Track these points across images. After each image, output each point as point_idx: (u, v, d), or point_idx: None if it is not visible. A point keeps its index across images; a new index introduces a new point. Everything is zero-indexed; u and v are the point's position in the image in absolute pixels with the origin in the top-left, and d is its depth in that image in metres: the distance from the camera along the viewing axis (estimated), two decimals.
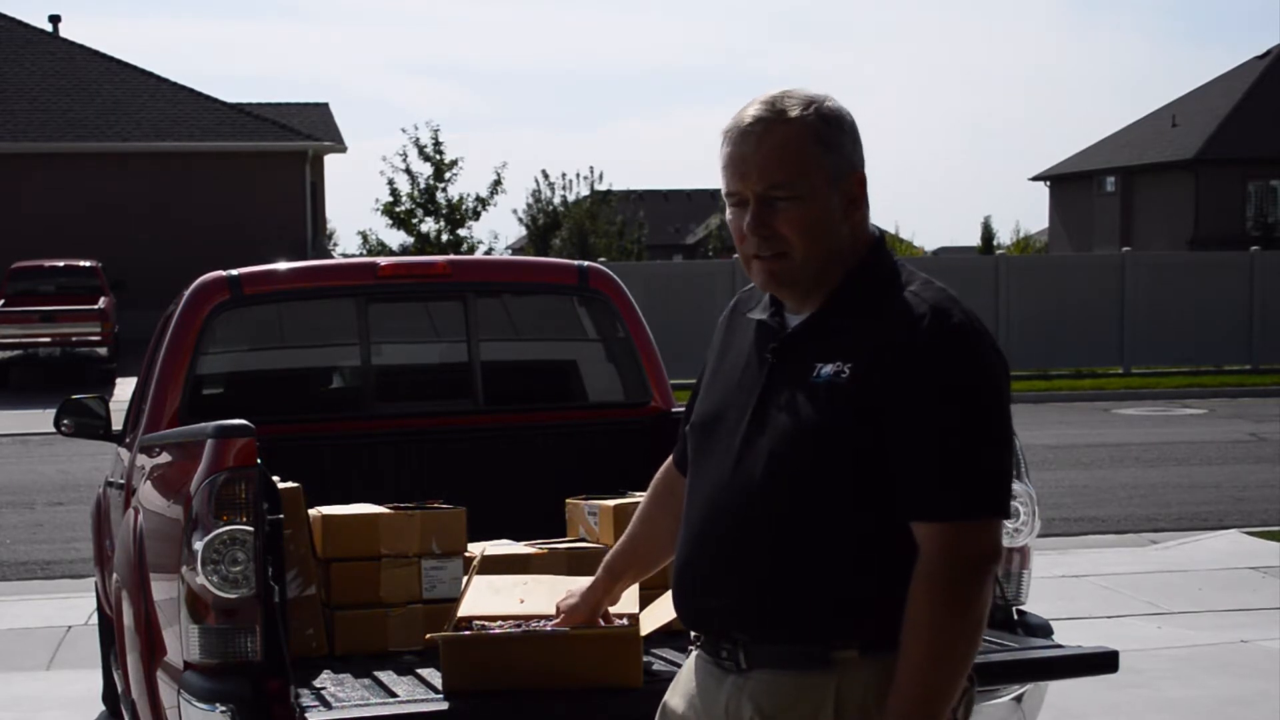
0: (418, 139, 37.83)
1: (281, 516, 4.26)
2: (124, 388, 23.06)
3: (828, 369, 2.60)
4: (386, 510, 4.71)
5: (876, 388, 2.56)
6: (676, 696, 2.85)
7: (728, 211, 2.75)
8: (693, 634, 2.83)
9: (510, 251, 50.21)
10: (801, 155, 2.63)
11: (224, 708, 3.96)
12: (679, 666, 2.94)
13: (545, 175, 45.25)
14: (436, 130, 38.07)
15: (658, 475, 3.20)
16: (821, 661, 2.60)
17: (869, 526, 2.58)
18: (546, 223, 44.30)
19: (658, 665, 4.08)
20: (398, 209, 38.00)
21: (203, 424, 4.38)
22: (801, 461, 2.60)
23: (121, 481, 5.95)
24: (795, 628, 2.62)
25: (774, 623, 2.63)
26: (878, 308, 2.63)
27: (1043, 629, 4.62)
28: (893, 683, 2.53)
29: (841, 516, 2.59)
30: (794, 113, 2.64)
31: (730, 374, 2.79)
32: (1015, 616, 4.67)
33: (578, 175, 45.59)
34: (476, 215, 38.15)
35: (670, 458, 3.15)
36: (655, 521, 3.15)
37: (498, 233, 58.83)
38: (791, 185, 2.63)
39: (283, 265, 6.10)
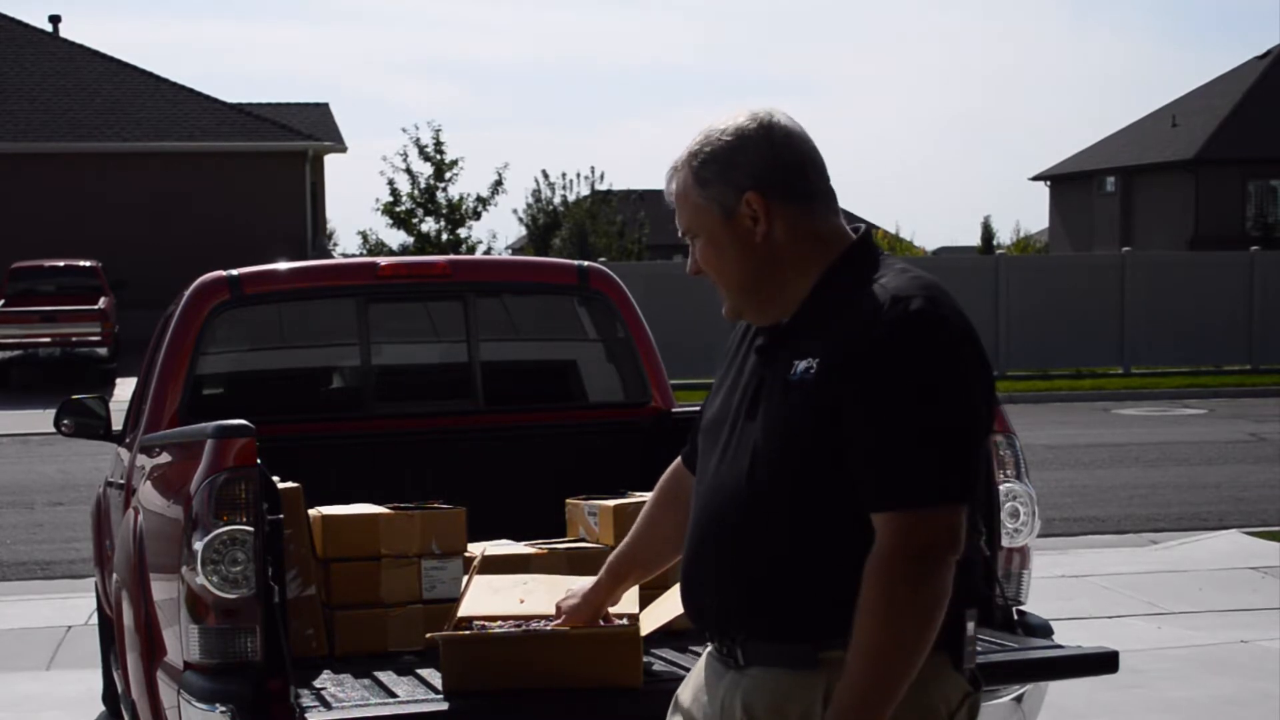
0: (418, 139, 37.80)
1: (281, 516, 4.26)
2: (124, 388, 23.06)
3: (801, 366, 2.64)
4: (386, 510, 4.71)
5: (837, 381, 2.58)
6: (686, 690, 2.89)
7: None
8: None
9: (510, 251, 50.19)
10: (690, 201, 2.80)
11: (224, 708, 3.96)
12: (679, 666, 2.95)
13: (545, 175, 45.13)
14: (438, 130, 37.89)
15: (664, 476, 3.21)
16: (810, 661, 2.61)
17: (850, 525, 2.58)
18: (547, 223, 44.23)
19: (658, 665, 4.07)
20: (398, 209, 37.93)
21: (203, 424, 4.39)
22: (778, 461, 2.62)
23: (121, 481, 5.95)
24: (782, 627, 2.63)
25: (762, 622, 2.65)
26: (848, 303, 2.65)
27: (1043, 629, 4.62)
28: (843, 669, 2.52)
29: (821, 515, 2.60)
30: (680, 162, 2.81)
31: (734, 377, 2.84)
32: (1015, 616, 4.67)
33: (578, 175, 45.43)
34: (477, 215, 38.11)
35: (679, 457, 3.16)
36: (659, 522, 3.17)
37: (497, 233, 58.87)
38: (693, 229, 2.82)
39: (283, 265, 6.10)
